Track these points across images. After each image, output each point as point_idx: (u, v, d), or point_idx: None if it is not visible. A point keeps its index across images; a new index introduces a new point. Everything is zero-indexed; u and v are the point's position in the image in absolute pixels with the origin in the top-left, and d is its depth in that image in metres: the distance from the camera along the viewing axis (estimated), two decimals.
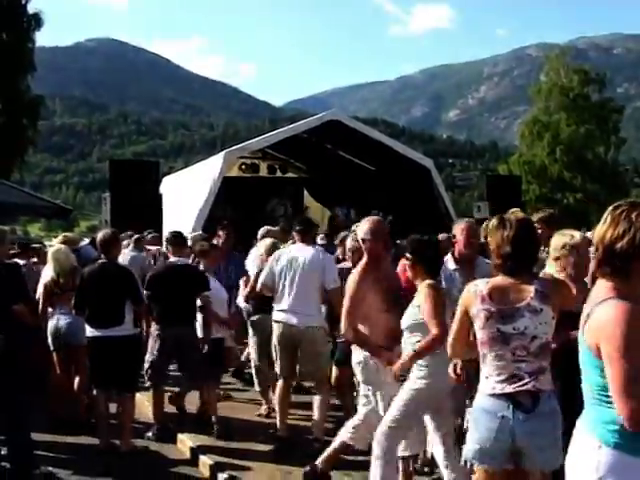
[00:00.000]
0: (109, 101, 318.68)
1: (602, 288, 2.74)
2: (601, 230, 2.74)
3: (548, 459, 3.82)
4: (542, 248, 6.43)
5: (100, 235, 7.42)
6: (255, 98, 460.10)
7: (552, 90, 43.23)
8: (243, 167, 20.69)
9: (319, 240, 11.88)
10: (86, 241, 12.13)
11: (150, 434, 7.30)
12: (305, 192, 21.92)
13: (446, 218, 17.10)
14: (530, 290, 3.77)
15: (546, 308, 3.77)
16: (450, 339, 4.04)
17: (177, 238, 7.87)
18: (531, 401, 3.75)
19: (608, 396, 2.64)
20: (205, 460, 6.53)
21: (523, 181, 34.16)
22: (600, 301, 2.68)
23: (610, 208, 2.77)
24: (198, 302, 7.41)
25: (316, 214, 20.77)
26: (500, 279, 3.82)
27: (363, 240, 5.50)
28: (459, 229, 6.15)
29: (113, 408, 7.12)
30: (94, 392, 7.15)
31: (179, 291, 7.21)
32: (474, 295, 3.79)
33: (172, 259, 7.70)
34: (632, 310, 2.60)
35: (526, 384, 3.74)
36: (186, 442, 7.07)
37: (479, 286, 3.81)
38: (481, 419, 3.76)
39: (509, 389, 3.74)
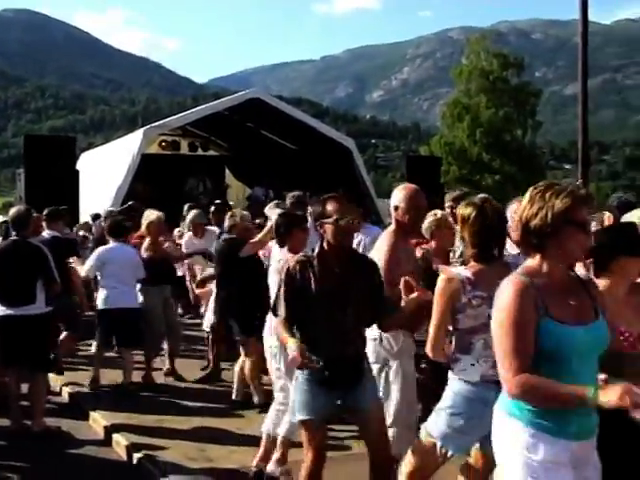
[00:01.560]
0: (26, 74, 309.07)
1: (521, 266, 2.87)
2: (520, 209, 2.86)
3: None
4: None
5: (13, 212, 7.24)
6: (177, 74, 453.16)
7: (473, 73, 43.93)
8: (163, 144, 20.45)
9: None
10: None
11: None
12: (226, 170, 21.80)
13: (367, 198, 17.27)
14: (511, 272, 3.85)
15: None
16: (435, 337, 3.87)
17: (52, 212, 8.78)
18: None
19: None
20: (119, 439, 6.47)
21: (444, 162, 34.73)
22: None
23: (531, 188, 2.88)
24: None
25: (237, 192, 20.72)
26: (477, 264, 3.82)
27: (395, 207, 4.98)
28: None
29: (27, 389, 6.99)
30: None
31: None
32: (460, 282, 3.76)
33: (44, 232, 8.30)
34: (525, 286, 2.73)
35: None
36: (100, 421, 7.00)
37: (461, 273, 3.79)
38: (471, 407, 3.75)
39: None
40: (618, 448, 3.22)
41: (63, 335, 8.57)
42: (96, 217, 12.36)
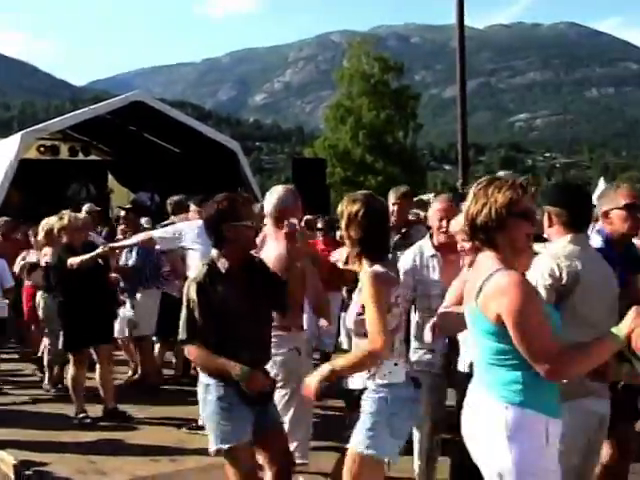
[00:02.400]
0: None
1: (488, 260, 2.89)
2: (467, 207, 2.93)
3: None
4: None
5: None
6: (54, 77, 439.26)
7: (354, 76, 44.57)
8: (42, 149, 19.79)
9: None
10: None
11: None
12: (109, 175, 21.32)
13: (254, 200, 17.23)
14: (396, 268, 3.88)
15: None
16: (387, 336, 3.53)
17: None
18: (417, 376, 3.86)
19: (507, 359, 2.81)
20: (5, 457, 6.19)
21: (328, 164, 34.99)
22: (491, 273, 2.82)
23: (473, 186, 2.96)
24: None
25: (121, 197, 20.27)
26: (376, 263, 3.66)
27: (273, 209, 4.87)
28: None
29: None
30: None
31: None
32: (388, 281, 3.62)
33: None
34: (522, 277, 2.81)
35: (410, 361, 3.85)
36: None
37: (384, 271, 3.63)
38: (406, 409, 3.63)
39: (411, 371, 3.79)
40: None
41: None
42: None
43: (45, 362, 8.72)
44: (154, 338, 8.78)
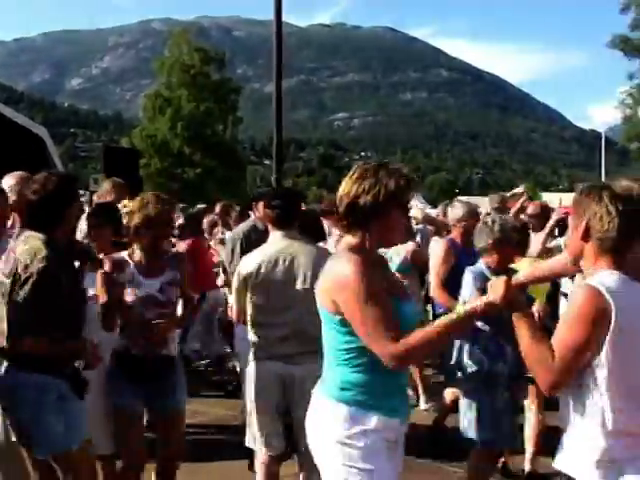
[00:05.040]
0: None
1: (341, 246, 2.79)
2: (347, 185, 2.70)
3: None
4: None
5: None
6: None
7: (174, 66, 43.98)
8: None
9: None
10: None
11: None
12: None
13: None
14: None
15: None
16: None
17: None
18: None
19: (347, 355, 2.66)
20: None
21: (145, 154, 34.31)
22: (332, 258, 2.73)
23: (357, 166, 2.74)
24: None
25: None
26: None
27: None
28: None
29: None
30: None
31: None
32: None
33: None
34: (364, 260, 2.60)
35: None
36: None
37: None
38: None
39: None
40: None
41: None
42: None
43: None
44: None
